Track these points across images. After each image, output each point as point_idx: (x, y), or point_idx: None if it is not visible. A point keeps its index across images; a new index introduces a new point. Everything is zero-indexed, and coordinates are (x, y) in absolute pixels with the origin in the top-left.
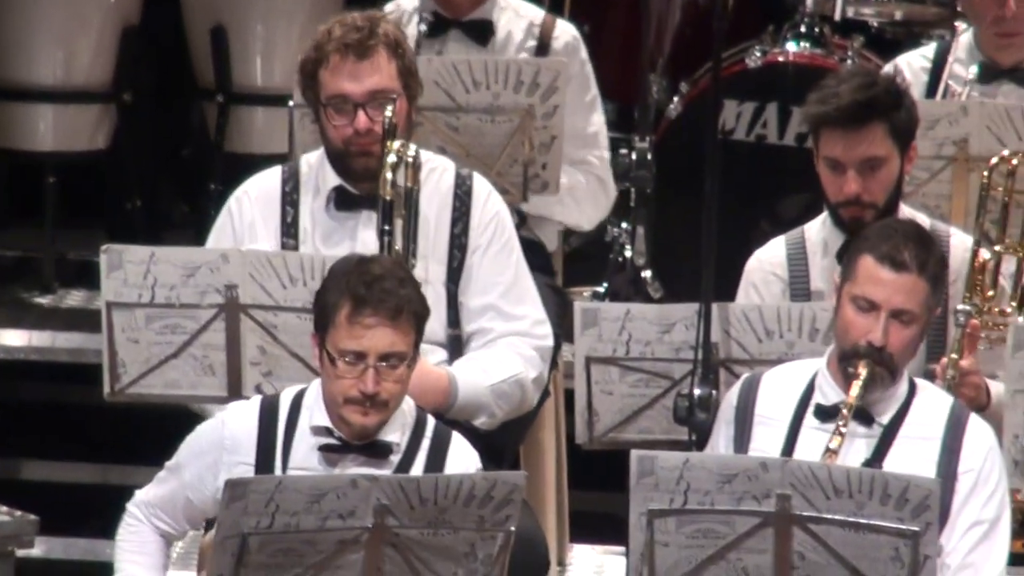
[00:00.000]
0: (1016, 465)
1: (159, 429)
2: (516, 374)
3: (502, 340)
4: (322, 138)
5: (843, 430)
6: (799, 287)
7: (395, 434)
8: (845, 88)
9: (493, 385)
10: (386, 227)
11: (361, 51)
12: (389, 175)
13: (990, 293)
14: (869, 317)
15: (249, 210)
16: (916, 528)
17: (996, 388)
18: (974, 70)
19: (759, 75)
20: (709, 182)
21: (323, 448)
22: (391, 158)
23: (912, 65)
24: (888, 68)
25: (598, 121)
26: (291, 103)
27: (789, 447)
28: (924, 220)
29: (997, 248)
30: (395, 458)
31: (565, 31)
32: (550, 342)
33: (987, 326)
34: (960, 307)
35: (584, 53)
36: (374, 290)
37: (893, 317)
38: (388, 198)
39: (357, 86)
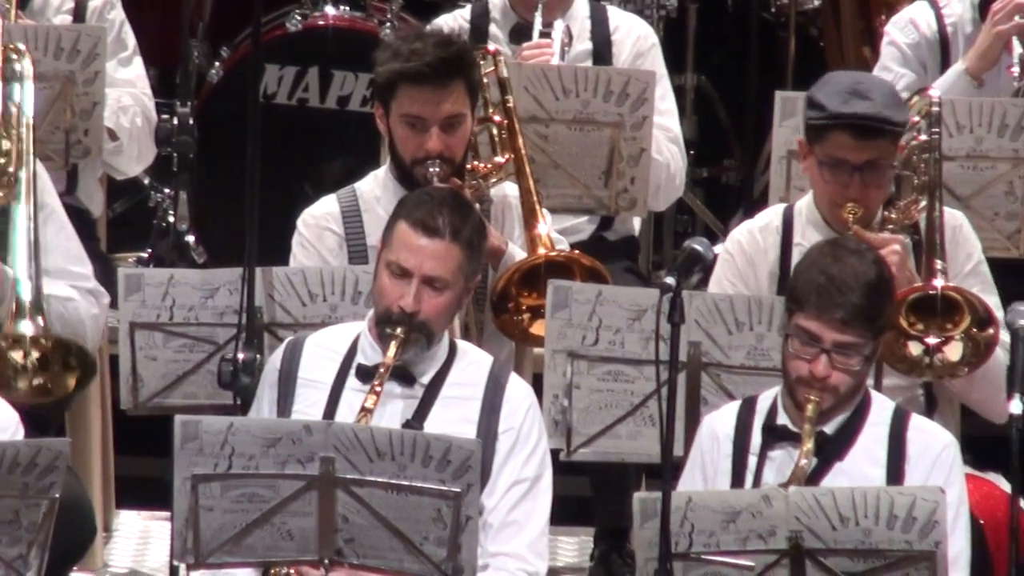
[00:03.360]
0: (556, 425)
1: None
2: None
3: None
4: None
5: (378, 389)
6: (355, 243)
7: None
8: (424, 46)
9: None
10: None
11: None
12: None
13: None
14: (402, 283)
15: None
16: (458, 489)
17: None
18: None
19: (299, 39)
20: (251, 147)
21: None
22: None
23: (452, 27)
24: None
25: (137, 70)
26: None
27: (331, 409)
28: None
29: None
30: None
31: None
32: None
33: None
34: None
35: (121, 13)
36: None
37: (425, 284)
38: None
39: None
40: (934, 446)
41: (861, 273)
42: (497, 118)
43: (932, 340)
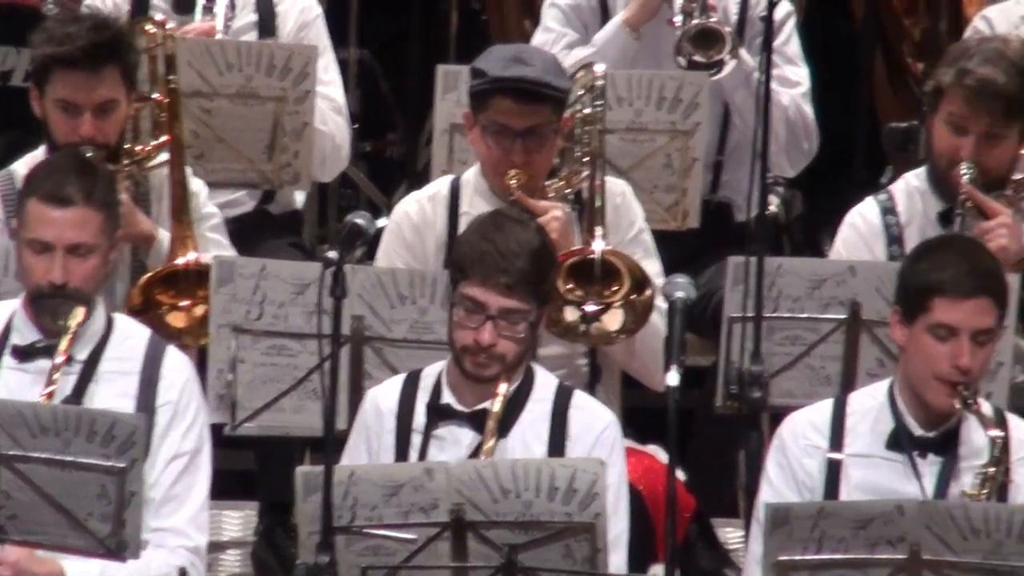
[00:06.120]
0: (221, 399)
1: None
2: None
3: None
4: None
5: (56, 378)
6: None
7: None
8: (79, 30)
9: None
10: None
11: None
12: None
13: None
14: (46, 257)
15: None
16: (122, 464)
17: None
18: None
19: None
20: None
21: None
22: None
23: (117, 5)
24: (93, 3)
25: None
26: None
27: None
28: None
29: None
30: None
31: None
32: None
33: None
34: None
35: None
36: None
37: (70, 253)
38: None
39: None
40: (596, 425)
41: (524, 241)
42: (157, 96)
43: (591, 307)
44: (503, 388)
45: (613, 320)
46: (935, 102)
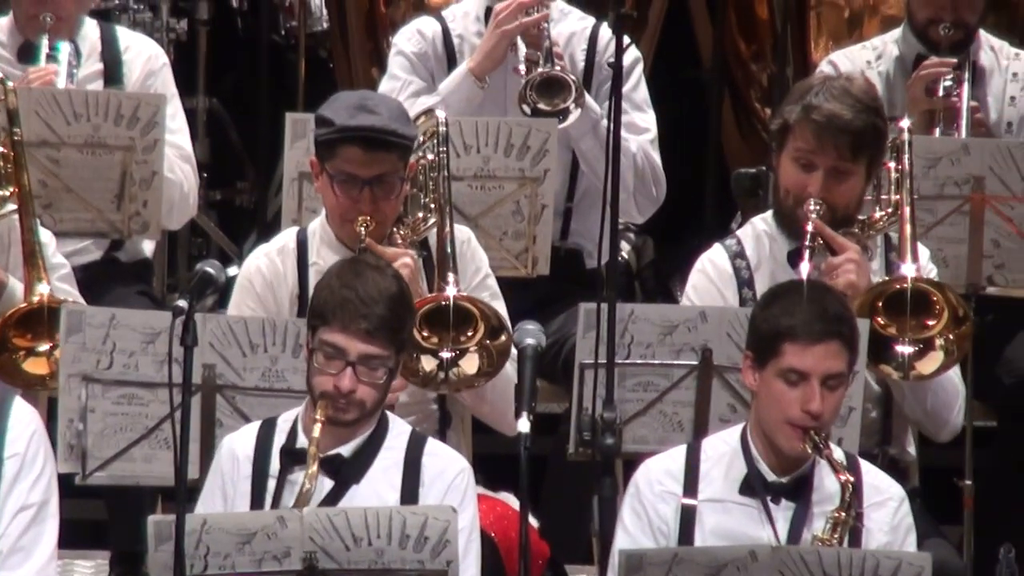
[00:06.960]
0: (71, 449)
1: None
2: None
3: None
4: None
5: None
6: None
7: None
8: None
9: None
10: None
11: None
12: None
13: None
14: None
15: None
16: None
17: None
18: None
19: None
20: None
21: None
22: None
23: None
24: None
25: None
26: None
27: None
28: None
29: None
30: None
31: None
32: None
33: None
34: None
35: None
36: None
37: None
38: None
39: None
40: (448, 471)
41: (384, 288)
42: (2, 149)
43: (447, 354)
44: (320, 414)
45: (470, 364)
46: (782, 140)
